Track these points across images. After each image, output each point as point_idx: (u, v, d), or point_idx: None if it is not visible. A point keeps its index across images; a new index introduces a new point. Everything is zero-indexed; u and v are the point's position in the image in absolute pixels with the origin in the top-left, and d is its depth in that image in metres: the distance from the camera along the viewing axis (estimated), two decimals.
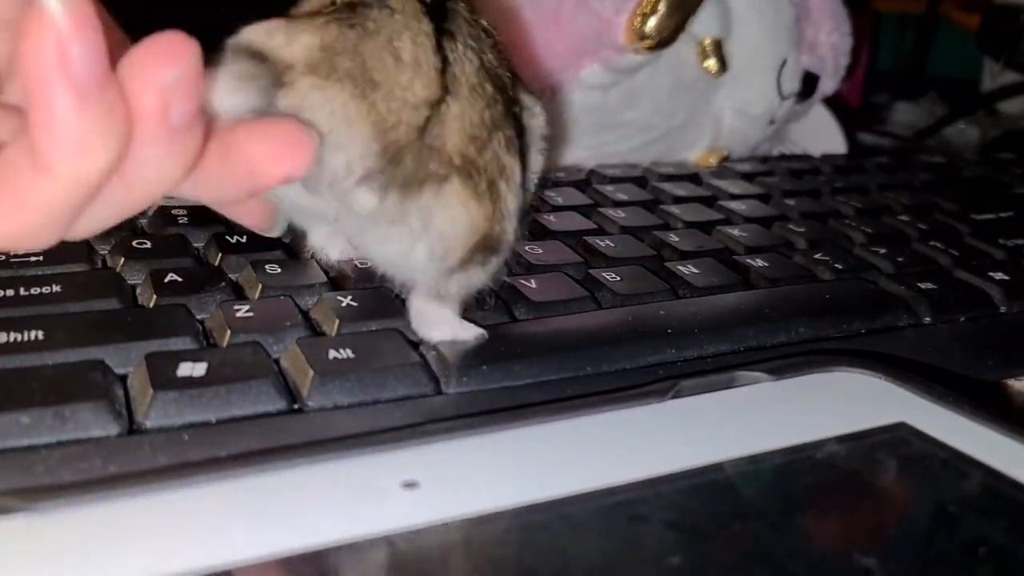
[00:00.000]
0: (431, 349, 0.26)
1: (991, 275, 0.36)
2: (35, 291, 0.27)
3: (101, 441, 0.21)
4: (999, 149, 0.69)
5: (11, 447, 0.21)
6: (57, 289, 0.27)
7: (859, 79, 0.89)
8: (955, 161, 0.54)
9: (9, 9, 0.26)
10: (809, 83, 0.50)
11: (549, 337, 0.28)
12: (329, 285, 0.30)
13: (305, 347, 0.25)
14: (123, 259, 0.30)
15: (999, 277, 0.36)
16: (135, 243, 0.31)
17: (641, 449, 0.23)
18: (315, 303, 0.28)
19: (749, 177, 0.46)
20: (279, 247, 0.32)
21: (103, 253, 0.31)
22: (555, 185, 0.41)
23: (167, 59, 0.19)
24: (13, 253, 0.29)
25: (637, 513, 0.21)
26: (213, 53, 0.22)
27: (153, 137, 0.20)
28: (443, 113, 0.25)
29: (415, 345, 0.26)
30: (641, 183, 0.43)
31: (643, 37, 0.39)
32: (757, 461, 0.23)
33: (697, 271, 0.33)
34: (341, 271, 0.30)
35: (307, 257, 0.31)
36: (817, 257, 0.36)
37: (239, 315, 0.27)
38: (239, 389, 0.23)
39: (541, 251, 0.34)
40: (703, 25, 0.44)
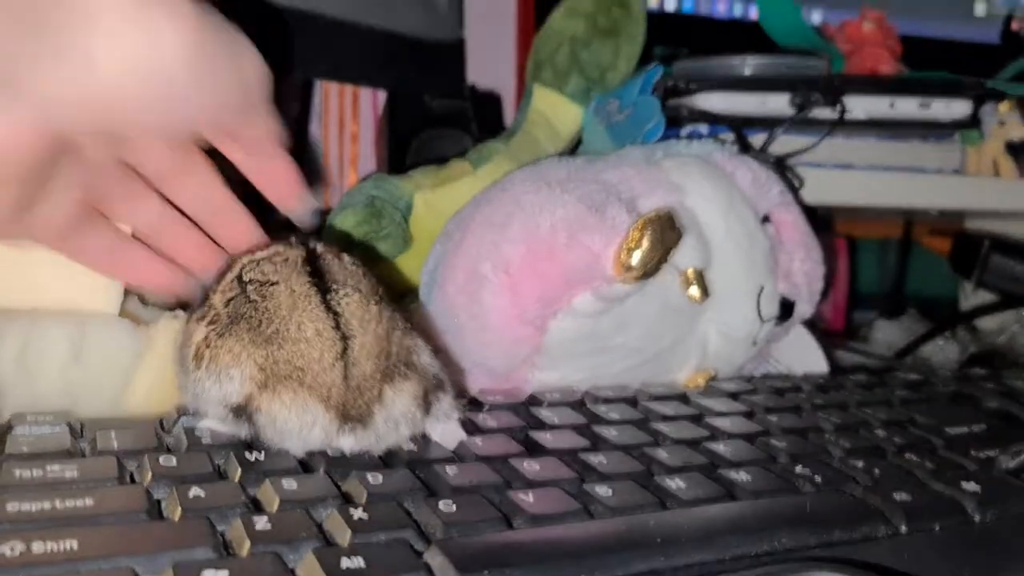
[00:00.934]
0: (436, 555, 0.28)
1: (964, 486, 0.38)
2: (70, 503, 0.29)
3: None
4: (976, 365, 0.72)
5: None
6: (90, 503, 0.29)
7: (841, 303, 0.94)
8: (931, 378, 0.57)
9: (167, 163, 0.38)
10: (787, 307, 0.54)
11: (545, 546, 0.30)
12: (341, 499, 0.32)
13: (320, 557, 0.27)
14: (151, 475, 0.32)
15: (972, 488, 0.38)
16: (162, 460, 0.33)
17: None
18: (328, 515, 0.30)
19: (734, 395, 0.49)
20: (294, 463, 0.34)
21: (131, 470, 0.33)
22: (551, 406, 0.43)
23: None
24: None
25: None
26: None
27: None
28: (352, 355, 0.34)
29: (419, 554, 0.28)
30: (632, 403, 0.45)
31: (629, 269, 0.43)
32: None
33: (684, 485, 0.36)
34: (352, 487, 0.33)
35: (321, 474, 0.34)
36: (798, 470, 0.38)
37: (258, 527, 0.29)
38: None
39: (538, 467, 0.36)
40: (685, 256, 0.48)
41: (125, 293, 0.44)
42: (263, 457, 0.34)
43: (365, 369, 0.34)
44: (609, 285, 0.44)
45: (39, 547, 0.26)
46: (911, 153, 0.73)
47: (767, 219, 0.55)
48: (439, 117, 0.76)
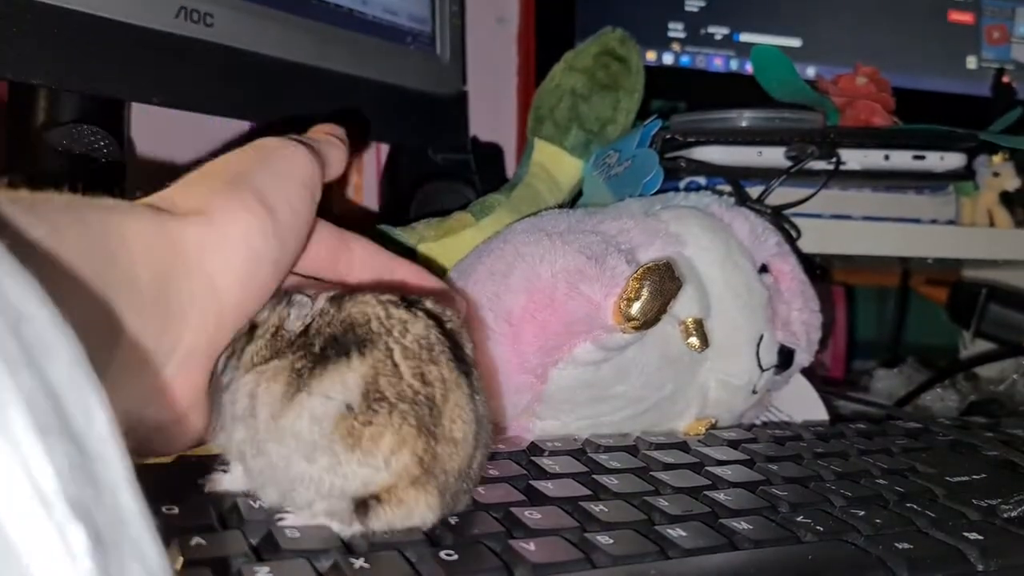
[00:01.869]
0: None
1: (966, 535, 0.38)
2: None
3: None
4: (975, 413, 0.72)
5: None
6: None
7: (840, 351, 0.95)
8: (931, 426, 0.57)
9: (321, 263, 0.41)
10: (786, 356, 0.55)
11: None
12: (343, 548, 0.32)
13: None
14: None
15: (974, 537, 0.38)
16: (164, 509, 0.33)
17: None
18: (330, 566, 0.30)
19: (735, 444, 0.49)
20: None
21: None
22: (552, 454, 0.44)
23: None
24: None
25: None
26: None
27: None
28: (474, 469, 0.34)
29: None
30: (633, 451, 0.46)
31: (630, 319, 0.44)
32: None
33: (685, 534, 0.36)
34: (353, 537, 0.33)
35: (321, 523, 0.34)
36: (799, 520, 0.38)
37: None
38: None
39: (540, 516, 0.36)
40: (684, 306, 0.49)
41: None
42: (265, 505, 0.34)
43: (474, 484, 0.35)
44: (609, 334, 0.44)
45: None
46: (907, 204, 0.74)
47: (765, 269, 0.56)
48: (441, 169, 0.77)
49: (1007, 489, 0.45)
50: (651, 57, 0.90)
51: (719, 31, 0.93)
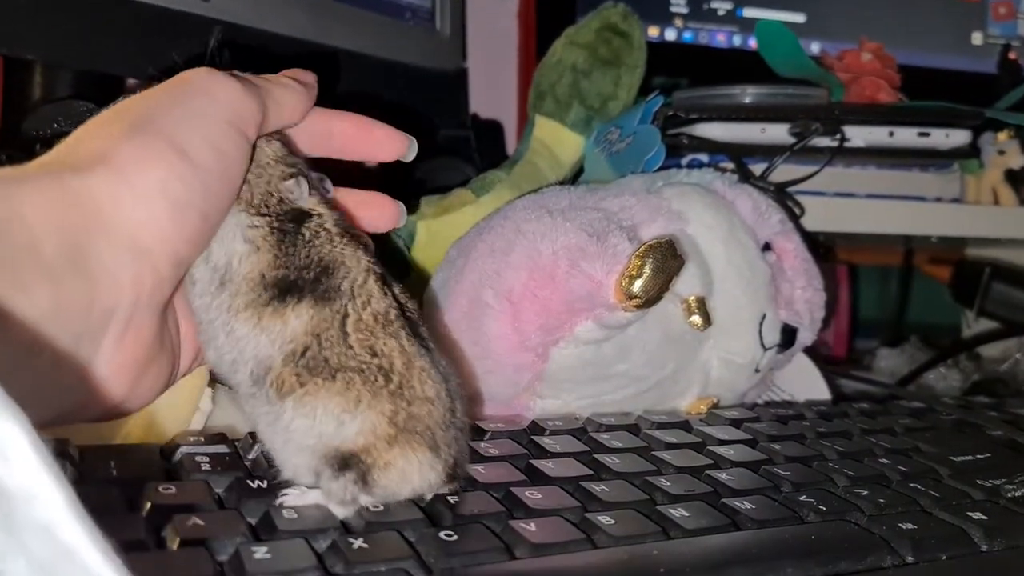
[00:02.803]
0: None
1: (970, 515, 0.38)
2: None
3: None
4: (979, 393, 0.72)
5: None
6: None
7: (843, 330, 0.94)
8: (934, 406, 0.57)
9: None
10: (789, 335, 0.54)
11: None
12: (342, 529, 0.32)
13: None
14: (150, 504, 0.32)
15: (978, 517, 0.38)
16: (161, 488, 0.33)
17: None
18: (328, 545, 0.30)
19: (737, 423, 0.48)
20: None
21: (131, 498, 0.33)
22: (553, 433, 0.43)
23: None
24: None
25: None
26: None
27: None
28: (458, 417, 0.35)
29: None
30: (634, 431, 0.45)
31: (631, 297, 0.43)
32: None
33: (687, 514, 0.35)
34: (352, 516, 0.33)
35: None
36: (802, 499, 0.38)
37: (256, 556, 0.28)
38: None
39: (540, 496, 0.36)
40: (686, 284, 0.48)
41: None
42: (264, 486, 0.34)
43: (464, 429, 0.35)
44: (611, 313, 0.44)
45: None
46: (911, 182, 0.73)
47: (768, 247, 0.55)
48: (442, 146, 0.76)
49: (1011, 469, 0.44)
50: (653, 32, 0.89)
51: (722, 6, 0.92)
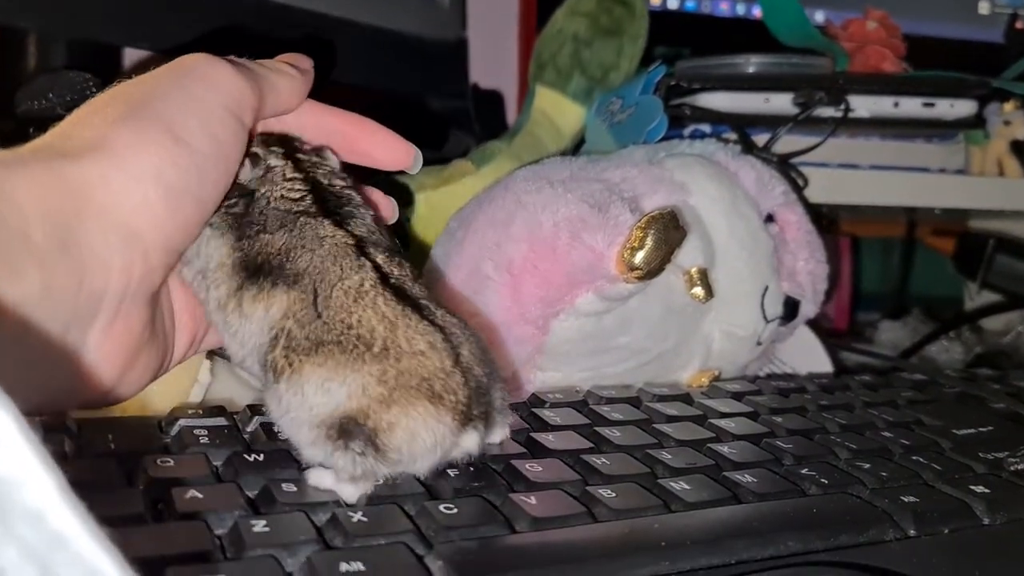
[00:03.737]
0: (436, 559, 0.27)
1: (973, 488, 0.38)
2: None
3: None
4: (981, 365, 0.72)
5: None
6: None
7: (844, 303, 0.94)
8: (937, 378, 0.56)
9: None
10: (791, 307, 0.54)
11: (547, 550, 0.29)
12: (341, 502, 0.31)
13: (317, 561, 0.27)
14: (148, 477, 0.32)
15: (980, 490, 0.38)
16: (159, 461, 0.33)
17: None
18: (327, 519, 0.30)
19: (738, 396, 0.48)
20: (295, 466, 0.34)
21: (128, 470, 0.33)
22: (553, 406, 0.43)
23: None
24: None
25: None
26: None
27: None
28: (465, 361, 0.34)
29: (420, 558, 0.28)
30: (635, 403, 0.45)
31: (633, 268, 0.43)
32: None
33: (689, 487, 0.35)
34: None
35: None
36: (804, 472, 0.38)
37: (255, 530, 0.28)
38: None
39: (540, 469, 0.35)
40: (688, 256, 0.48)
41: None
42: (263, 459, 0.34)
43: (478, 372, 0.34)
44: (612, 285, 0.44)
45: None
46: (915, 153, 0.73)
47: (771, 218, 0.55)
48: (441, 117, 0.75)
49: (1014, 442, 0.44)
50: (655, 1, 0.88)
51: None
